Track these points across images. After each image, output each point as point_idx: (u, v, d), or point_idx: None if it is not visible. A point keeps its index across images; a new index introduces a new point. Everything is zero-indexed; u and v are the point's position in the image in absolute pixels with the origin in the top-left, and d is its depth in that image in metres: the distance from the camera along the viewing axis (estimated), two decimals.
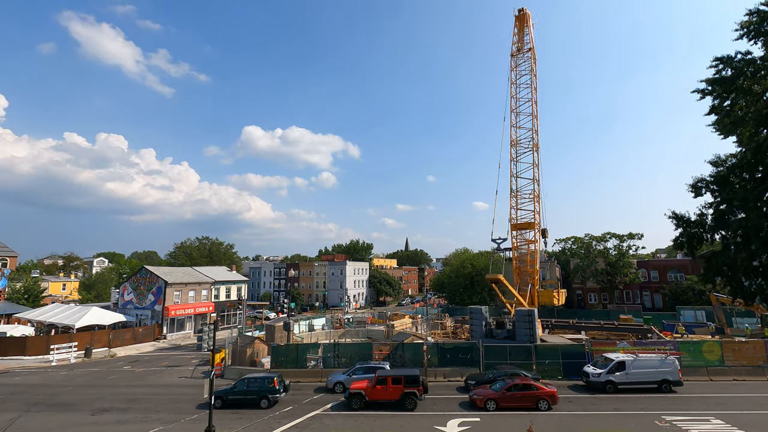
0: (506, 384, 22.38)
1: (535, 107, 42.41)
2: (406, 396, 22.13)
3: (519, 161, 42.25)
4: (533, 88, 42.78)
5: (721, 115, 39.39)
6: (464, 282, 65.84)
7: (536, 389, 21.98)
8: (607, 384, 25.04)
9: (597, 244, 64.72)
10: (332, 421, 20.73)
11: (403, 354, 30.30)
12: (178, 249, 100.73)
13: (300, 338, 42.25)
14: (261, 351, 34.12)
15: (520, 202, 41.70)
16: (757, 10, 34.29)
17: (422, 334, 41.97)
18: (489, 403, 21.58)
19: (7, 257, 71.98)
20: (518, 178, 42.01)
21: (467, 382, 26.45)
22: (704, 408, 21.44)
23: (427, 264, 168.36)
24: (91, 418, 22.03)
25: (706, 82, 39.55)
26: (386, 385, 22.54)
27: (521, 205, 41.67)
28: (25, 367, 37.95)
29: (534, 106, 42.41)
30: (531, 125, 42.29)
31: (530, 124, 42.37)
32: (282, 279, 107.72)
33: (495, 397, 21.74)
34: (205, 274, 64.79)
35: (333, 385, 26.46)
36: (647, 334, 38.32)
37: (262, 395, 23.27)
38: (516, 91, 43.15)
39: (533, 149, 41.65)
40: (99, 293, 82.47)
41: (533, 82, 42.89)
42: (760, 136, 34.17)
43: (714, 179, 40.98)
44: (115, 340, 46.70)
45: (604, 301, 69.24)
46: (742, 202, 35.70)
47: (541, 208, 41.03)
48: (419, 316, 55.09)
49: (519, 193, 41.86)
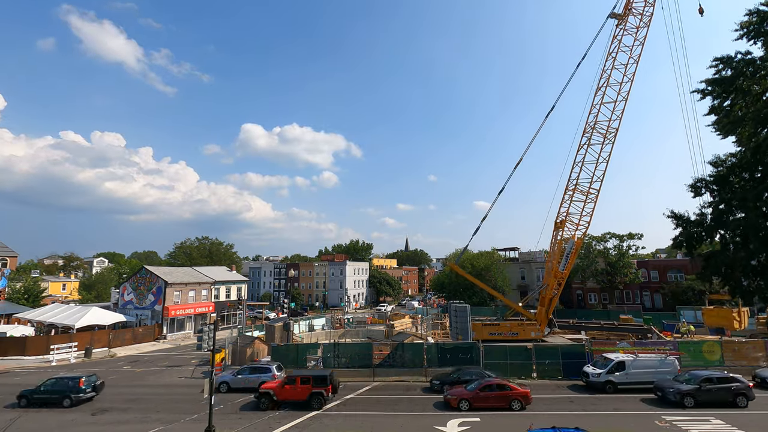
0: (480, 384, 22.53)
1: (629, 86, 36.06)
2: (313, 395, 22.66)
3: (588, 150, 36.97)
4: (636, 61, 35.84)
5: (720, 116, 39.33)
6: (464, 282, 65.76)
7: (510, 389, 22.16)
8: (607, 384, 25.03)
9: (597, 244, 64.66)
10: (332, 421, 20.75)
11: (403, 354, 30.28)
12: (178, 249, 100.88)
13: (300, 338, 42.29)
14: (261, 351, 34.16)
15: (574, 198, 37.61)
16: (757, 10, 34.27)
17: (422, 334, 42.02)
18: (462, 403, 21.75)
19: (7, 257, 72.00)
20: (582, 169, 37.17)
21: (432, 383, 26.53)
22: (704, 408, 21.45)
23: (427, 264, 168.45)
24: (91, 418, 22.06)
25: (705, 82, 39.54)
26: (295, 385, 22.97)
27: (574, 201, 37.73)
28: (25, 367, 37.97)
29: (629, 84, 36.06)
30: (613, 110, 36.39)
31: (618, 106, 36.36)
32: (282, 279, 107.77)
33: (468, 397, 21.90)
34: (205, 274, 64.83)
35: (219, 385, 26.23)
36: (647, 334, 38.33)
37: (64, 395, 24.04)
38: (611, 64, 36.41)
39: (610, 139, 36.38)
40: (99, 293, 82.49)
41: (637, 53, 35.72)
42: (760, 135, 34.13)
43: (713, 179, 40.94)
44: (115, 340, 46.71)
45: (604, 301, 69.25)
46: (741, 201, 35.69)
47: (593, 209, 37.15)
48: (419, 316, 55.12)
49: (577, 187, 37.31)
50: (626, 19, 36.55)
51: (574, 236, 37.55)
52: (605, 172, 36.80)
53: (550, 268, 39.05)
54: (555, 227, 38.94)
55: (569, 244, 37.39)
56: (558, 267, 37.71)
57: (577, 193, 37.46)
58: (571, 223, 37.95)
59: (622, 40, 36.48)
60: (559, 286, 38.15)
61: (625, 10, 36.59)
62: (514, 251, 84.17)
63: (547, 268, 39.50)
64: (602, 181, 36.80)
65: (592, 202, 37.09)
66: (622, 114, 36.38)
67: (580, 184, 37.39)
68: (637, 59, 36.17)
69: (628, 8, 36.43)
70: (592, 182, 37.02)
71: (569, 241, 37.47)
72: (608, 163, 36.62)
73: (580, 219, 37.57)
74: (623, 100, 36.37)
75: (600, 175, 36.82)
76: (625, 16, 36.63)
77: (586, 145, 37.24)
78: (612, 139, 36.54)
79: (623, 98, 36.37)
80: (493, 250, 77.20)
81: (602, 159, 36.66)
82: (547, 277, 39.25)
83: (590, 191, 37.05)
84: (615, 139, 36.55)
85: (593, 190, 36.98)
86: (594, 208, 37.22)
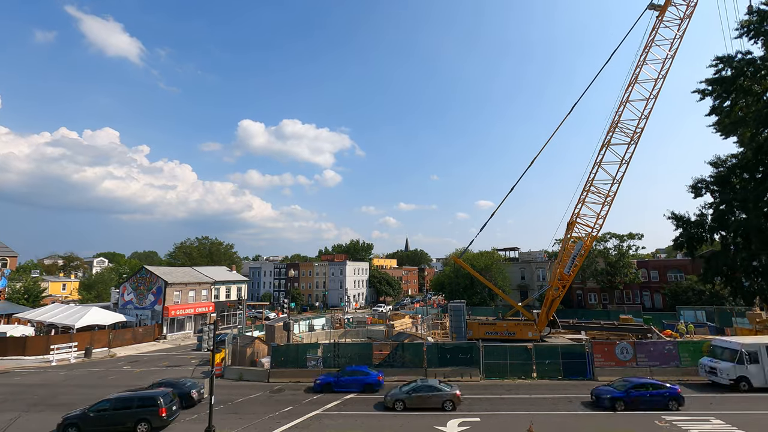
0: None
1: (661, 83, 34.59)
2: None
3: (610, 149, 35.83)
4: (672, 57, 34.13)
5: (721, 116, 39.32)
6: (464, 282, 65.79)
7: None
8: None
9: (597, 244, 64.68)
10: (332, 421, 20.73)
11: (403, 354, 30.27)
12: (178, 249, 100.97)
13: (300, 338, 42.30)
14: (261, 351, 34.15)
15: (588, 200, 36.84)
16: (758, 9, 34.30)
17: (422, 334, 42.02)
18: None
19: (7, 257, 72.10)
20: (600, 168, 36.18)
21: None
22: (704, 408, 21.44)
23: (427, 264, 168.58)
24: None
25: (706, 82, 39.56)
26: None
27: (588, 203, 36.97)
28: (25, 367, 37.98)
29: (661, 81, 34.58)
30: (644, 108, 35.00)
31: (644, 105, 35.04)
32: (282, 279, 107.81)
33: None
34: (205, 274, 64.88)
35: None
36: (647, 334, 38.33)
37: None
38: (643, 59, 34.90)
39: (635, 140, 35.15)
40: (99, 293, 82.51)
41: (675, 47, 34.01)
42: (761, 136, 34.12)
43: (714, 180, 40.96)
44: (115, 340, 46.72)
45: (604, 301, 69.30)
46: (741, 202, 35.72)
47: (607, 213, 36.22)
48: (419, 316, 55.14)
49: (594, 189, 36.43)
50: (665, 10, 34.57)
51: (583, 238, 37.28)
52: (624, 174, 35.64)
53: (556, 268, 38.90)
54: (568, 227, 38.13)
55: (578, 246, 37.26)
56: (563, 269, 37.58)
57: (591, 195, 36.60)
58: (581, 225, 37.29)
59: (658, 32, 34.72)
60: (563, 287, 38.08)
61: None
62: (514, 251, 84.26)
63: (555, 268, 39.08)
64: (620, 183, 35.71)
65: (608, 205, 36.09)
66: (650, 113, 34.91)
67: (598, 185, 36.36)
68: (674, 54, 34.33)
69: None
70: (612, 184, 35.93)
71: (578, 243, 37.31)
72: (628, 165, 35.44)
73: (595, 222, 36.70)
74: (653, 98, 34.82)
75: (620, 177, 35.71)
76: (666, 6, 34.66)
77: (607, 146, 36.06)
78: (636, 140, 35.22)
79: (654, 96, 34.81)
80: (493, 250, 77.25)
81: (625, 160, 35.47)
82: (553, 278, 39.15)
83: (608, 194, 36.03)
84: (639, 140, 35.21)
85: (611, 192, 35.96)
86: (608, 211, 36.22)
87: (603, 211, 36.10)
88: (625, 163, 35.51)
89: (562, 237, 38.99)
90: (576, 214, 37.28)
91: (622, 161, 35.53)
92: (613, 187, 35.74)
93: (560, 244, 40.95)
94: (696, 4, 33.77)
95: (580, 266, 39.11)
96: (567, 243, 37.87)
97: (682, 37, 34.21)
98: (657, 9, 35.07)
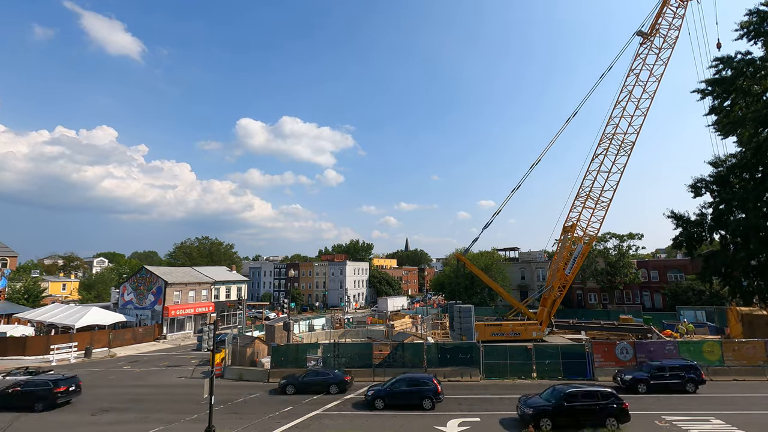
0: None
1: (650, 103, 36.83)
2: None
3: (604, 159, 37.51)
4: (658, 80, 36.64)
5: (721, 116, 39.37)
6: (464, 282, 65.81)
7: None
8: None
9: (597, 244, 64.71)
10: (332, 421, 20.75)
11: (403, 354, 30.28)
12: (178, 249, 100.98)
13: (300, 338, 42.32)
14: (261, 351, 34.16)
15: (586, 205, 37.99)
16: (757, 10, 34.29)
17: (422, 334, 42.04)
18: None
19: (7, 257, 72.13)
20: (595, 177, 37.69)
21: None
22: (704, 408, 21.44)
23: (427, 264, 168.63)
24: (91, 418, 22.08)
25: (706, 82, 39.61)
26: None
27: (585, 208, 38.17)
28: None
29: (649, 101, 36.83)
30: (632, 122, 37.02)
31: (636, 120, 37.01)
32: (282, 279, 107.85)
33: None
34: (205, 274, 64.89)
35: None
36: (647, 334, 38.36)
37: None
38: (632, 81, 37.25)
39: (627, 151, 37.01)
40: (99, 293, 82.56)
41: (659, 72, 36.57)
42: (760, 136, 34.13)
43: (714, 179, 40.98)
44: (115, 340, 46.74)
45: (604, 301, 69.32)
46: (741, 202, 35.74)
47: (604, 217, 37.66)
48: (419, 316, 55.16)
49: (589, 195, 37.78)
50: (652, 39, 37.28)
51: (581, 240, 37.70)
52: (618, 182, 37.38)
53: (555, 270, 39.03)
54: (563, 231, 38.97)
55: (577, 248, 37.45)
56: (564, 270, 37.72)
57: (589, 200, 37.83)
58: (580, 229, 38.14)
59: (645, 60, 37.29)
60: (563, 288, 38.12)
61: (652, 30, 37.33)
62: (514, 251, 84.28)
63: (552, 270, 39.51)
64: (615, 190, 37.39)
65: (603, 210, 37.40)
66: (640, 129, 37.08)
67: (593, 192, 37.89)
68: (659, 78, 36.77)
69: (655, 29, 37.11)
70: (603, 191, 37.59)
71: (577, 246, 37.55)
72: (622, 173, 37.14)
73: (588, 225, 38.00)
74: (642, 115, 36.98)
75: (613, 184, 37.40)
76: (651, 36, 37.32)
77: (602, 155, 37.78)
78: (628, 152, 37.08)
79: (642, 113, 36.97)
80: (493, 250, 77.30)
81: (616, 170, 37.34)
82: (552, 279, 39.21)
83: (601, 199, 37.57)
84: (631, 152, 37.11)
85: (604, 198, 37.50)
86: (605, 215, 37.63)
87: (598, 215, 37.35)
88: (618, 172, 37.14)
89: (558, 240, 39.50)
90: (573, 218, 38.15)
91: (610, 170, 37.30)
92: (606, 193, 37.24)
93: (554, 244, 41.62)
94: (677, 37, 36.55)
95: (580, 266, 39.49)
96: (566, 246, 38.13)
97: (666, 64, 36.76)
98: (643, 36, 37.86)
